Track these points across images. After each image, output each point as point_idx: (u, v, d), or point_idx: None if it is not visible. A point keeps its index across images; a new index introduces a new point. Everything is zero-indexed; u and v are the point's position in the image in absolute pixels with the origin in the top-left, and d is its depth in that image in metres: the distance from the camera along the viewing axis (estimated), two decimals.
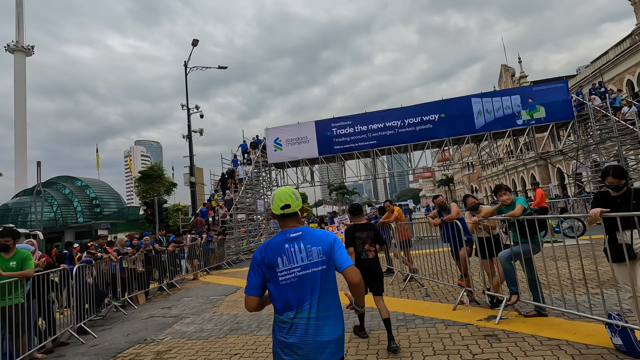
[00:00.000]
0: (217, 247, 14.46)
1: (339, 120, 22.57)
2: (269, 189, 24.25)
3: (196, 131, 22.70)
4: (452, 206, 5.61)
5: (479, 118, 20.75)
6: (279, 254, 1.93)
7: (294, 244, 1.95)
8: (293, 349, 1.84)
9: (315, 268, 1.91)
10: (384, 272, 8.30)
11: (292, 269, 1.90)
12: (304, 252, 1.92)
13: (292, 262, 1.91)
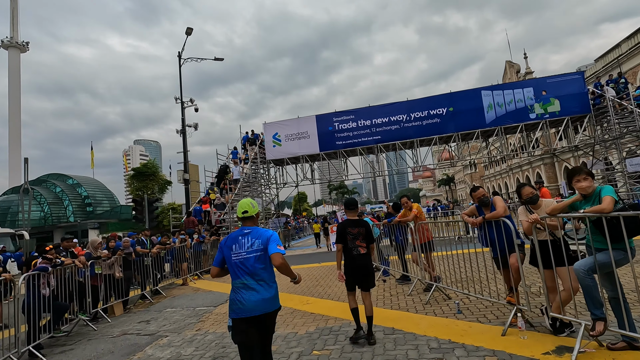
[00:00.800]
0: (210, 249, 13.30)
1: (341, 114, 21.41)
2: (267, 186, 23.09)
3: (191, 126, 21.53)
4: (496, 200, 4.44)
5: (489, 112, 19.62)
6: (234, 242, 3.02)
7: (246, 237, 3.02)
8: (237, 303, 2.87)
9: (255, 253, 2.95)
10: (398, 278, 7.07)
11: (240, 253, 2.96)
12: (249, 242, 2.98)
13: (241, 248, 2.97)
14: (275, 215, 24.77)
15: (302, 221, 37.55)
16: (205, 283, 10.63)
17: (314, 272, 10.39)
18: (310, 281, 8.90)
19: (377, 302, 6.09)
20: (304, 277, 9.53)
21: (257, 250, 2.93)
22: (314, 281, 8.85)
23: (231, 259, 2.95)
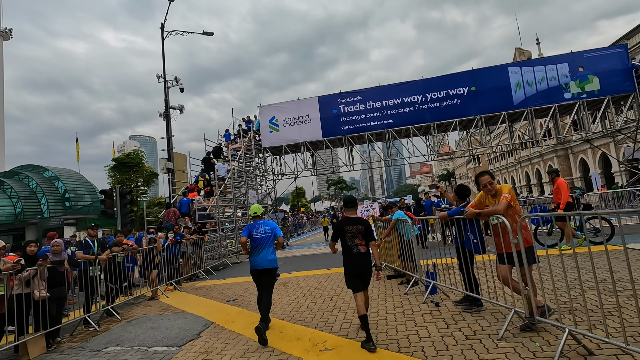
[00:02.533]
0: (193, 250, 10.78)
1: (347, 95, 18.85)
2: (263, 177, 20.51)
3: (175, 108, 18.89)
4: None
5: (517, 91, 17.14)
6: (254, 227, 5.21)
7: (260, 226, 5.20)
8: (254, 262, 5.12)
9: (267, 235, 5.13)
10: (459, 301, 4.69)
11: (259, 234, 5.12)
12: (263, 229, 5.15)
13: (258, 232, 5.14)
14: (272, 211, 22.25)
15: (302, 217, 35.07)
16: (180, 297, 8.10)
17: (322, 282, 7.90)
18: (321, 299, 6.39)
19: (437, 347, 3.61)
20: (310, 289, 6.98)
21: (268, 233, 5.19)
22: (327, 299, 6.34)
23: (253, 236, 5.20)
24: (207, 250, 12.33)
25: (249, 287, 8.30)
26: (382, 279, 7.29)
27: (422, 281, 5.97)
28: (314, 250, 15.74)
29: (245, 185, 16.83)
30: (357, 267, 4.22)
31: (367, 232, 4.31)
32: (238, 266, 12.83)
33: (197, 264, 10.87)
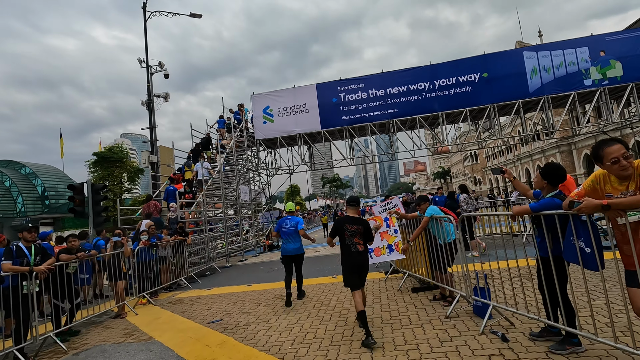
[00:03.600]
0: (173, 254, 9.18)
1: (347, 82, 17.31)
2: (256, 172, 18.90)
3: (159, 95, 17.17)
4: None
5: (533, 78, 15.76)
6: (284, 222, 6.54)
7: (289, 221, 6.50)
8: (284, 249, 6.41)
9: (293, 228, 6.41)
10: (538, 333, 3.12)
11: (287, 226, 6.45)
12: (290, 223, 6.44)
13: (287, 225, 6.46)
14: (266, 209, 20.66)
15: (297, 215, 33.49)
16: (152, 315, 6.50)
17: (329, 295, 6.37)
18: (332, 322, 4.86)
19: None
20: (315, 305, 5.37)
21: (293, 227, 6.43)
22: (340, 323, 4.81)
23: (282, 229, 6.49)
24: (191, 253, 10.73)
25: (238, 301, 6.75)
26: (406, 293, 5.79)
27: (468, 299, 4.47)
28: (313, 251, 14.21)
29: (237, 180, 15.22)
30: (355, 265, 4.33)
31: (366, 233, 4.42)
32: (227, 272, 11.25)
33: (178, 270, 9.27)
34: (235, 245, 15.38)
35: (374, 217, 5.67)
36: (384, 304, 5.29)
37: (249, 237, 16.72)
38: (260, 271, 10.49)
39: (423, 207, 5.12)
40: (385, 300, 5.52)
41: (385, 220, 5.49)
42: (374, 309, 5.10)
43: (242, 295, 7.32)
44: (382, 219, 5.52)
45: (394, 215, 5.50)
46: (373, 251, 5.45)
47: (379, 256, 5.47)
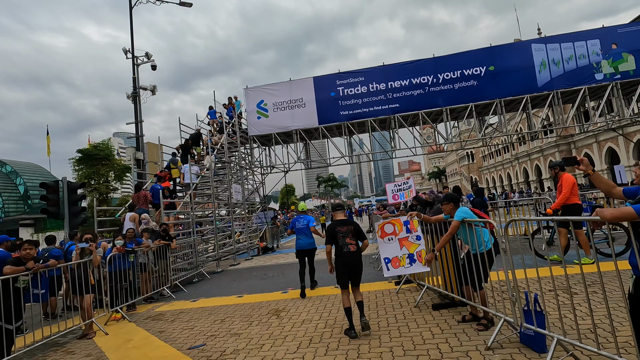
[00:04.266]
0: (155, 261, 8.19)
1: (347, 75, 16.39)
2: (250, 170, 17.90)
3: (146, 88, 16.12)
4: None
5: (542, 72, 15.00)
6: (297, 220, 7.42)
7: (302, 219, 7.40)
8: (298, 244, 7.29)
9: (305, 225, 7.30)
10: None
11: (300, 225, 7.33)
12: (303, 222, 7.33)
13: (300, 223, 7.33)
14: (260, 209, 19.68)
15: (292, 215, 32.56)
16: (124, 335, 5.51)
17: (333, 311, 5.44)
18: (341, 352, 3.92)
19: None
20: (317, 325, 4.38)
21: (305, 224, 7.27)
22: (352, 352, 3.88)
23: (296, 227, 7.32)
24: (177, 258, 9.73)
25: (227, 317, 5.79)
26: (426, 310, 4.88)
27: (514, 326, 3.56)
28: None
29: (229, 178, 14.22)
30: (347, 265, 4.41)
31: (357, 232, 4.52)
32: (217, 278, 10.26)
33: (161, 277, 8.27)
34: (227, 248, 14.39)
35: (392, 220, 4.74)
36: (402, 326, 4.37)
37: (242, 239, 15.73)
38: (253, 278, 9.53)
39: (447, 207, 4.20)
40: (402, 320, 4.60)
41: (405, 225, 4.57)
42: (391, 333, 4.18)
43: (231, 309, 6.36)
44: (402, 222, 4.60)
45: (415, 218, 4.55)
46: (390, 262, 4.54)
47: (397, 268, 4.55)
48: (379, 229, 4.72)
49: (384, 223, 4.64)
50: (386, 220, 4.74)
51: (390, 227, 4.19)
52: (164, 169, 13.22)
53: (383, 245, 4.71)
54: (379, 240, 4.76)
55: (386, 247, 4.66)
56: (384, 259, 4.68)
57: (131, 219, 9.57)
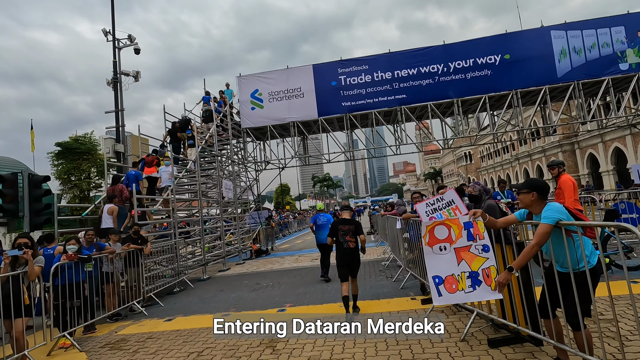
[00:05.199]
0: (124, 269, 6.76)
1: (350, 63, 15.06)
2: (242, 166, 16.46)
3: (129, 74, 14.63)
4: None
5: (562, 61, 13.80)
6: (318, 217, 8.40)
7: (322, 216, 8.38)
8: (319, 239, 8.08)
9: (326, 222, 8.02)
10: None
11: (321, 221, 8.22)
12: (323, 219, 8.25)
13: (320, 220, 8.27)
14: (254, 208, 18.24)
15: (287, 215, 31.16)
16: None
17: (347, 347, 4.06)
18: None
19: None
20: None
21: (326, 222, 8.00)
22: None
23: (317, 223, 8.20)
24: (155, 265, 8.29)
25: (206, 348, 4.38)
26: (477, 346, 3.53)
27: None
28: (309, 259, 11.89)
29: (218, 173, 12.78)
30: (345, 258, 5.13)
31: (356, 230, 5.22)
32: (202, 287, 8.84)
33: (132, 289, 6.83)
34: (217, 251, 12.95)
35: (446, 221, 3.34)
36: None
37: (234, 241, 14.30)
38: (243, 288, 8.12)
39: (526, 198, 2.82)
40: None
41: (466, 228, 3.18)
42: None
43: (212, 337, 4.95)
44: (461, 223, 3.22)
45: (479, 219, 3.14)
46: (443, 283, 3.17)
47: (454, 293, 3.16)
48: (426, 232, 3.34)
49: (434, 225, 3.27)
50: (438, 220, 3.34)
51: (443, 230, 2.87)
52: (151, 153, 11.79)
53: (432, 258, 3.29)
54: (426, 250, 3.37)
55: (437, 260, 3.24)
56: (433, 277, 3.26)
57: (109, 211, 8.18)
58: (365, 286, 6.75)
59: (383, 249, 11.89)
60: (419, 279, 5.97)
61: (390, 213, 9.63)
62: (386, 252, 11.01)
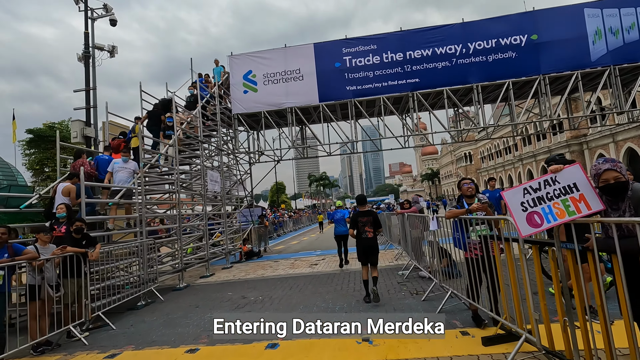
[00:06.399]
0: (59, 281, 4.97)
1: (355, 42, 13.33)
2: (233, 157, 14.65)
3: (103, 48, 12.78)
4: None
5: (596, 43, 12.18)
6: (336, 213, 9.87)
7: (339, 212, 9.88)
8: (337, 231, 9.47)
9: (343, 217, 9.59)
10: None
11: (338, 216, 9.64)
12: (340, 214, 9.75)
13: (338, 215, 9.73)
14: (245, 205, 16.44)
15: (283, 214, 29.37)
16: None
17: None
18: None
19: None
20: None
21: (343, 216, 9.59)
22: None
23: (335, 218, 9.66)
24: (118, 269, 6.50)
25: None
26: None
27: None
28: (307, 265, 10.14)
29: (202, 163, 10.97)
30: (364, 247, 5.64)
31: (374, 222, 5.74)
32: (174, 300, 7.06)
33: (71, 308, 5.04)
34: (201, 252, 11.16)
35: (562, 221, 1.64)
36: None
37: (221, 241, 12.50)
38: (225, 303, 6.36)
39: None
40: None
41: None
42: None
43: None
44: None
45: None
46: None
47: None
48: None
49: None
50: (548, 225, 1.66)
51: None
52: (117, 137, 10.02)
53: None
54: None
55: None
56: None
57: (64, 191, 6.46)
58: (387, 307, 5.04)
59: (394, 253, 10.19)
60: (466, 302, 4.26)
61: (409, 210, 7.93)
62: (400, 258, 9.30)
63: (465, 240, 4.01)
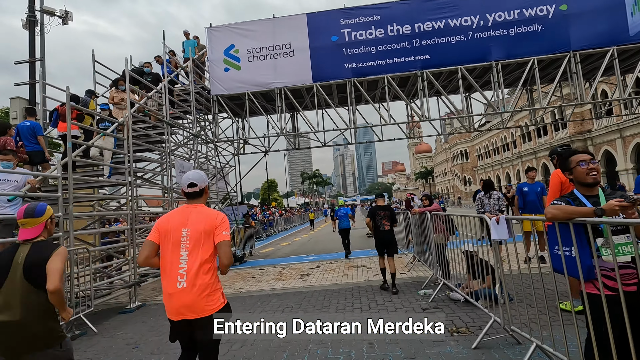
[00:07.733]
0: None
1: (356, 12, 11.42)
2: (214, 147, 12.65)
3: (53, 12, 10.65)
4: None
5: (635, 14, 10.47)
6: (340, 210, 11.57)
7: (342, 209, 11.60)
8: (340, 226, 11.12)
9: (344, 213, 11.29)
10: None
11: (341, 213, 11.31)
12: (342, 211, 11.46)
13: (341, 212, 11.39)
14: (227, 202, 14.43)
15: (273, 212, 27.41)
16: None
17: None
18: None
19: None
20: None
21: (345, 214, 11.17)
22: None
23: (339, 214, 11.33)
24: None
25: None
26: None
27: None
28: (297, 275, 8.21)
29: (168, 151, 8.97)
30: (382, 239, 6.04)
31: (391, 216, 6.16)
32: (114, 331, 5.10)
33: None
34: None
35: None
36: None
37: None
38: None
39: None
40: None
41: None
42: None
43: None
44: None
45: None
46: None
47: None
48: None
49: None
50: None
51: None
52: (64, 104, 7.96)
53: None
54: None
55: None
56: None
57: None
58: (417, 357, 3.15)
59: (404, 261, 8.35)
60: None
61: (431, 208, 6.07)
62: (414, 269, 7.44)
63: (590, 261, 2.14)
